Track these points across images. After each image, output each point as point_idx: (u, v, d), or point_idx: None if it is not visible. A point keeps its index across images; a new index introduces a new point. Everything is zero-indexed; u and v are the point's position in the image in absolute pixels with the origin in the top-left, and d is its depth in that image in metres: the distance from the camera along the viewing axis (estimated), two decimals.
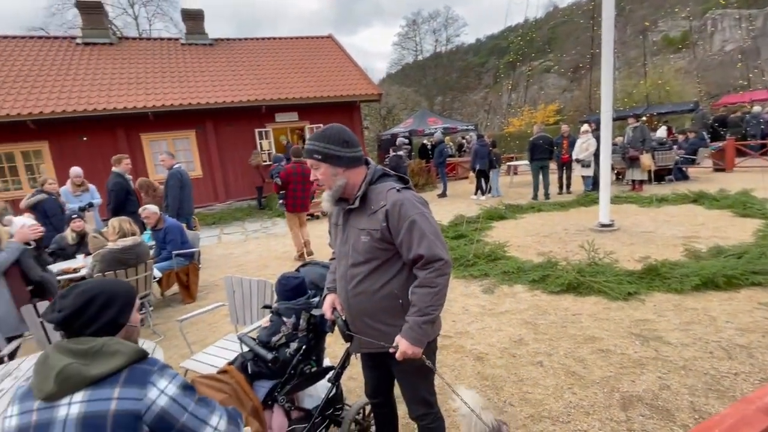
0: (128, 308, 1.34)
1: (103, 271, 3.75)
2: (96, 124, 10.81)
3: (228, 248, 8.00)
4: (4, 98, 10.19)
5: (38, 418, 1.13)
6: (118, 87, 11.35)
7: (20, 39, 13.04)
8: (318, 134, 1.64)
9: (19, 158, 10.54)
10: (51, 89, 10.79)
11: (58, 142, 10.66)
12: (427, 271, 1.53)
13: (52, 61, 11.96)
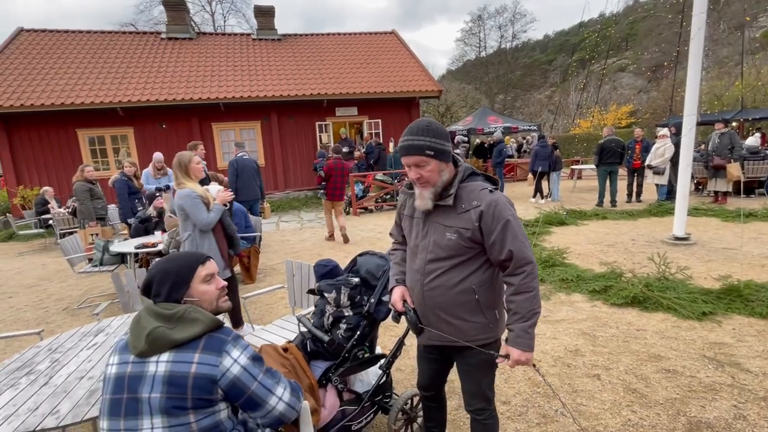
0: (179, 286, 1.43)
1: (176, 247, 4.09)
2: (174, 113, 11.73)
3: (285, 235, 8.37)
4: (100, 87, 11.36)
5: (132, 370, 1.28)
6: (195, 79, 12.22)
7: (113, 34, 14.45)
8: (422, 129, 1.59)
9: (108, 141, 11.72)
10: (138, 80, 11.86)
11: (142, 129, 11.72)
12: (520, 277, 1.55)
13: (140, 55, 13.13)
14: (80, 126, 11.35)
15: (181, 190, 3.11)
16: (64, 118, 11.08)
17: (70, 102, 10.73)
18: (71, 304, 5.18)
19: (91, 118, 11.25)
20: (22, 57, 12.15)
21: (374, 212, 10.39)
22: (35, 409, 1.70)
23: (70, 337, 2.38)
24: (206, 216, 3.08)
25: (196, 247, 3.15)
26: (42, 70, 11.73)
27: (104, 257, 5.12)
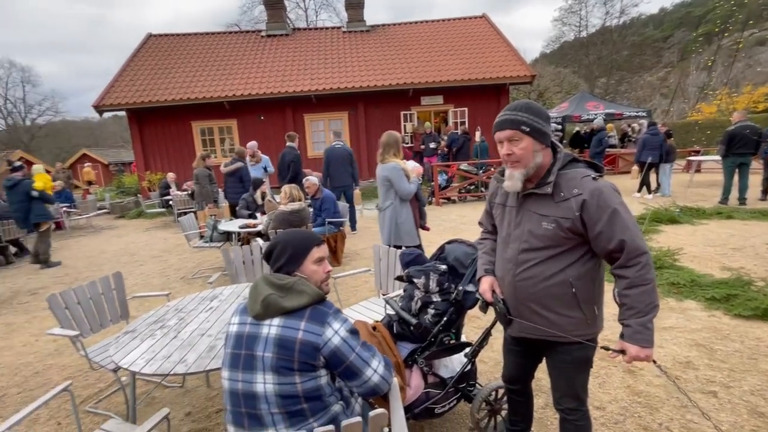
0: (295, 260, 1.56)
1: (275, 228, 4.47)
2: (271, 105, 12.67)
3: (367, 222, 8.63)
4: (210, 83, 12.69)
5: (249, 330, 1.45)
6: (290, 73, 13.03)
7: (221, 35, 15.98)
8: (520, 106, 1.56)
9: (216, 132, 13.08)
10: (241, 76, 13.00)
11: (243, 120, 12.87)
12: (634, 269, 1.45)
13: (243, 52, 14.35)
14: (194, 119, 12.82)
15: (387, 163, 3.53)
16: (182, 111, 12.60)
17: (187, 97, 12.15)
18: (187, 273, 5.94)
19: (203, 111, 12.64)
20: (151, 59, 14.03)
21: (457, 203, 10.23)
22: (168, 356, 2.00)
23: (191, 300, 2.74)
24: (408, 186, 3.50)
25: (395, 215, 3.62)
26: (165, 70, 13.43)
27: (213, 235, 5.76)
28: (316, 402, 1.41)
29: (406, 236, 3.69)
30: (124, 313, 3.06)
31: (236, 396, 1.43)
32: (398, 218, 3.63)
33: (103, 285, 2.96)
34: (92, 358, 2.59)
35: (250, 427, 1.40)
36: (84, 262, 7.22)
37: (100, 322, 2.91)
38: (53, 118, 40.68)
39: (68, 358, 3.64)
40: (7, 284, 6.11)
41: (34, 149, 33.37)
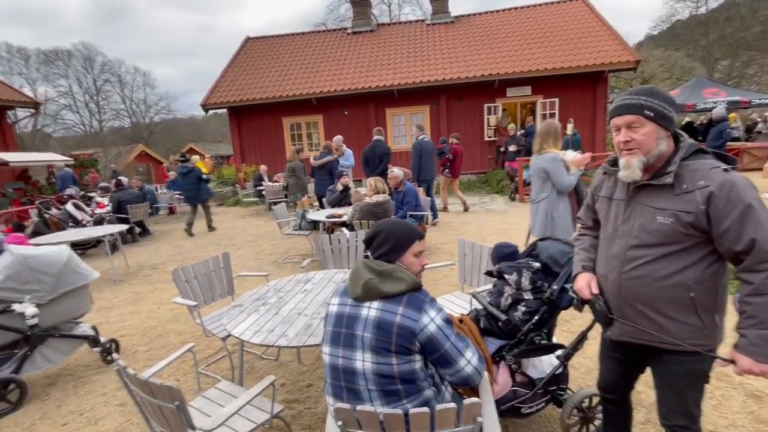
0: (397, 250, 1.63)
1: (359, 219, 4.64)
2: (354, 100, 13.08)
3: (448, 217, 8.56)
4: (300, 81, 13.46)
5: (350, 311, 1.55)
6: (373, 68, 13.32)
7: (308, 34, 16.82)
8: (643, 90, 1.46)
9: (304, 127, 13.86)
10: (327, 73, 13.60)
11: (329, 115, 13.47)
12: (763, 275, 1.29)
13: (329, 50, 14.97)
14: (285, 115, 13.72)
15: (545, 154, 3.37)
16: (274, 108, 13.55)
17: (279, 95, 13.05)
18: (278, 258, 6.44)
19: (293, 107, 13.47)
20: (248, 60, 15.28)
21: None
22: (272, 330, 2.20)
23: (288, 282, 2.98)
24: (567, 178, 3.30)
25: (551, 208, 3.42)
26: (261, 70, 14.54)
27: (302, 223, 6.15)
28: (410, 384, 1.47)
29: (562, 230, 3.47)
30: (230, 289, 3.42)
31: (336, 370, 1.54)
32: (554, 211, 3.41)
33: (213, 263, 3.34)
34: (206, 327, 2.94)
35: (348, 399, 1.50)
36: (191, 243, 8.16)
37: (211, 295, 3.29)
38: (166, 116, 46.42)
39: (183, 325, 4.17)
40: (133, 259, 7.14)
41: (151, 143, 38.30)
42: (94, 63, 40.51)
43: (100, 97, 41.51)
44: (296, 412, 2.64)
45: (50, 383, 3.26)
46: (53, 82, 39.06)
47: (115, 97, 42.69)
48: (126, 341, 3.88)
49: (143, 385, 1.62)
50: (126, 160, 26.93)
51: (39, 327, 3.05)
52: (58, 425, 2.74)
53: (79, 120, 41.04)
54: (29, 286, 3.00)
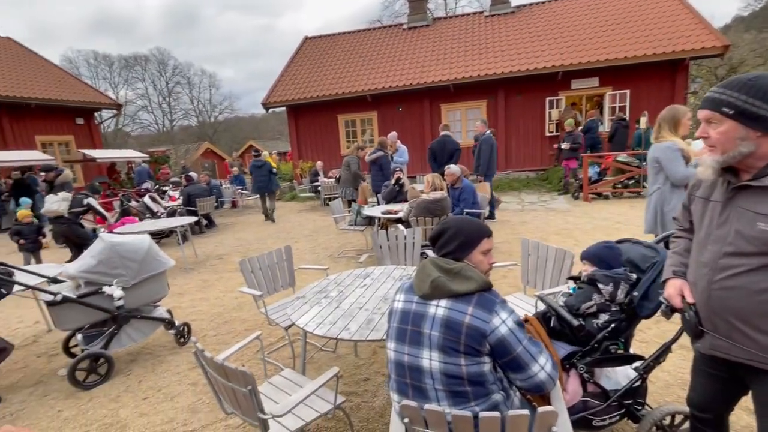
0: (465, 247, 1.59)
1: (416, 216, 4.61)
2: (409, 96, 13.03)
3: (504, 215, 8.29)
4: (355, 78, 13.65)
5: (416, 308, 1.53)
6: (429, 63, 13.18)
7: (364, 32, 16.97)
8: (734, 83, 1.31)
9: (358, 124, 14.05)
10: (383, 69, 13.66)
11: (383, 112, 13.54)
12: None
13: (385, 46, 15.02)
14: (340, 112, 13.99)
15: (661, 142, 3.07)
16: (329, 105, 13.86)
17: (335, 92, 13.32)
18: (333, 252, 6.58)
19: (348, 104, 13.70)
20: (307, 59, 15.74)
21: (610, 199, 9.09)
22: (334, 323, 2.24)
23: (348, 276, 3.02)
24: (683, 170, 2.95)
25: (662, 201, 3.11)
26: (318, 68, 14.92)
27: (357, 219, 6.24)
28: (479, 387, 1.42)
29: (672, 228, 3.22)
30: (292, 281, 3.54)
31: (402, 367, 1.53)
32: (665, 205, 3.09)
33: (277, 256, 3.47)
34: (269, 316, 3.07)
35: (414, 397, 1.49)
36: (252, 235, 8.58)
37: (274, 286, 3.42)
38: (229, 115, 49.21)
39: (247, 313, 4.39)
40: (201, 249, 7.64)
41: (215, 141, 40.77)
42: (166, 67, 43.83)
43: (172, 98, 44.89)
44: (354, 405, 2.67)
45: (132, 360, 3.57)
46: (132, 85, 42.84)
47: (184, 97, 45.97)
48: (196, 325, 4.15)
49: (218, 368, 1.71)
50: (193, 156, 28.91)
51: (124, 308, 3.35)
52: (139, 399, 2.99)
53: (153, 120, 44.66)
54: (117, 270, 3.30)
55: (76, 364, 3.11)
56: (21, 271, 3.39)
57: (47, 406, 2.99)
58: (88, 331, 3.31)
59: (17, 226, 6.23)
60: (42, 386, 3.27)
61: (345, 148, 14.15)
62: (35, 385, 3.29)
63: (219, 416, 2.70)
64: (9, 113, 13.39)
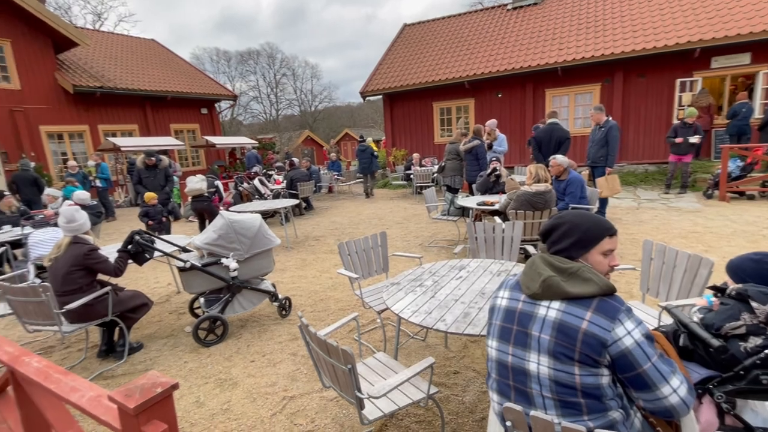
0: (581, 246, 1.41)
1: (514, 209, 4.35)
2: (510, 81, 12.29)
3: (615, 213, 7.45)
4: (453, 65, 13.28)
5: (523, 307, 1.41)
6: (535, 45, 12.26)
7: (465, 15, 16.35)
8: None
9: (453, 111, 13.71)
10: (483, 54, 13.07)
11: (481, 98, 13.00)
12: None
13: (487, 29, 14.33)
14: (436, 99, 13.78)
15: None
16: (425, 93, 13.73)
17: (432, 80, 13.13)
18: (424, 241, 6.56)
19: (443, 92, 13.42)
20: (405, 47, 15.74)
21: (756, 199, 7.62)
22: (429, 312, 2.21)
23: (442, 267, 2.97)
24: None
25: None
26: (416, 56, 14.84)
27: (450, 209, 6.12)
28: (594, 400, 1.28)
29: None
30: (386, 267, 3.60)
31: (504, 368, 1.44)
32: None
33: (372, 241, 3.55)
34: (364, 299, 3.16)
35: (516, 401, 1.39)
36: (347, 219, 8.95)
37: (369, 270, 3.51)
38: (328, 104, 51.83)
39: (341, 294, 4.60)
40: (300, 230, 8.19)
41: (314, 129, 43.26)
42: (275, 60, 47.50)
43: (278, 89, 48.64)
44: (443, 396, 2.64)
45: (242, 326, 3.98)
46: (246, 78, 47.45)
47: (289, 88, 49.55)
48: (295, 300, 4.47)
49: (321, 344, 1.80)
50: (295, 143, 31.11)
51: (238, 279, 3.73)
52: (248, 361, 3.31)
53: (262, 109, 48.93)
54: (233, 245, 3.67)
55: (199, 324, 3.56)
56: (160, 240, 3.96)
57: (176, 357, 3.48)
58: (208, 296, 3.76)
59: (145, 207, 7.09)
60: (173, 339, 3.81)
61: (439, 137, 13.96)
62: (167, 338, 3.85)
63: (315, 387, 2.87)
64: (151, 105, 15.72)
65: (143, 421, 1.24)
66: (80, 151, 13.94)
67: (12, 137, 12.23)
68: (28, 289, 2.97)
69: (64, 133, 13.63)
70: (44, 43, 12.86)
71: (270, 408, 2.69)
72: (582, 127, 11.54)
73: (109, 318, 3.29)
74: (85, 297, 3.11)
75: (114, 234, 8.54)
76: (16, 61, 12.33)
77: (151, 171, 7.89)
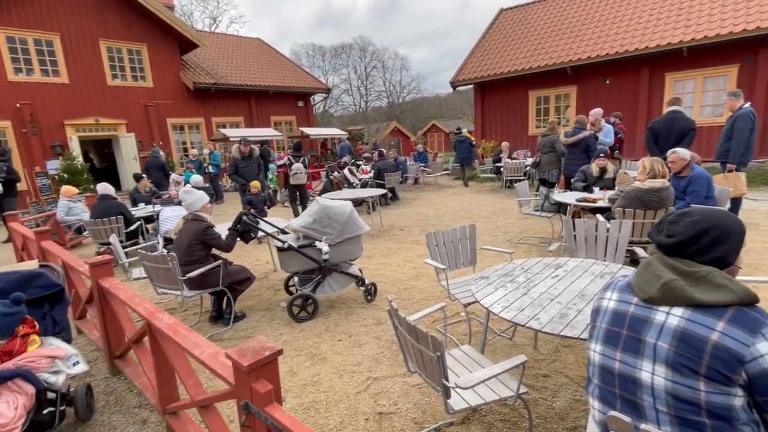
0: (731, 254, 1.23)
1: (623, 207, 3.93)
2: (620, 66, 11.06)
3: (752, 216, 6.35)
4: (554, 50, 12.34)
5: (636, 311, 1.27)
6: (655, 22, 10.84)
7: None
8: None
9: (552, 100, 12.78)
10: (590, 36, 11.93)
11: (584, 86, 11.92)
12: None
13: (593, 9, 13.02)
14: (532, 88, 12.98)
15: None
16: (520, 81, 12.99)
17: (528, 66, 12.37)
18: (513, 237, 6.27)
19: (541, 79, 12.57)
20: (500, 33, 15.03)
21: None
22: (521, 309, 2.11)
23: (535, 264, 2.81)
24: None
25: None
26: (512, 42, 14.08)
27: (545, 204, 5.74)
28: (722, 423, 1.11)
29: None
30: (473, 260, 3.52)
31: (610, 374, 1.32)
32: None
33: (461, 233, 3.48)
34: (450, 291, 3.12)
35: (622, 410, 1.27)
36: (432, 211, 8.91)
37: (455, 262, 3.46)
38: (416, 95, 51.78)
39: (425, 284, 4.61)
40: (385, 219, 8.36)
41: (401, 120, 43.58)
42: (366, 53, 48.65)
43: (368, 81, 49.84)
44: (531, 399, 2.51)
45: (330, 306, 4.20)
46: (339, 71, 49.28)
47: (378, 80, 50.45)
48: (380, 287, 4.58)
49: (411, 329, 1.82)
50: (382, 134, 31.69)
51: (329, 262, 3.93)
52: (335, 340, 3.49)
53: (352, 101, 50.59)
54: (326, 229, 3.88)
55: (293, 300, 3.84)
56: (263, 221, 4.33)
57: (272, 328, 3.80)
58: (302, 276, 4.03)
59: (249, 196, 7.52)
60: (269, 312, 4.17)
61: (534, 127, 13.16)
62: (265, 311, 4.22)
63: (398, 371, 2.93)
64: (255, 98, 17.18)
65: (253, 378, 1.37)
66: (197, 140, 15.82)
67: (146, 129, 14.32)
68: (159, 257, 3.47)
69: (185, 124, 15.57)
70: (172, 46, 14.77)
71: (355, 385, 2.81)
72: (710, 117, 9.99)
73: (220, 288, 3.70)
74: (202, 268, 3.54)
75: (221, 215, 9.55)
76: (150, 63, 14.34)
77: (247, 160, 8.17)
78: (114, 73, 13.60)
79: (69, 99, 12.68)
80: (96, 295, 2.93)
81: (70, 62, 12.63)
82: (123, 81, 13.83)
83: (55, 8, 12.29)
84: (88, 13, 12.89)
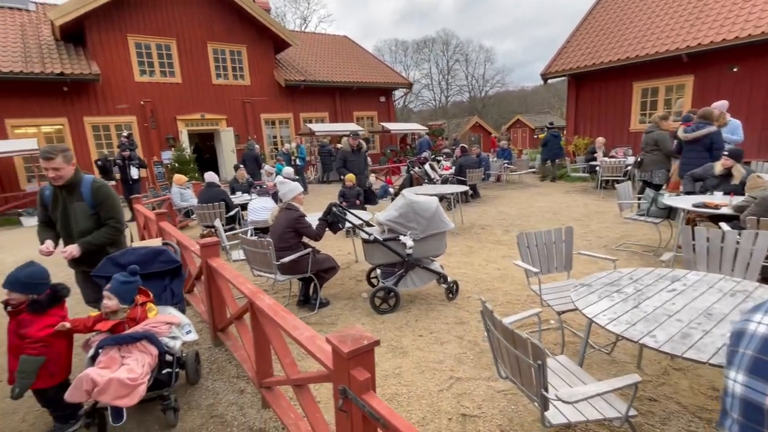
0: None
1: (756, 214, 3.37)
2: (754, 51, 9.45)
3: None
4: (667, 35, 10.95)
5: None
6: None
7: None
8: None
9: (661, 92, 11.39)
10: (711, 16, 10.37)
11: (704, 75, 10.43)
12: None
13: None
14: (637, 78, 11.69)
15: None
16: (623, 72, 11.76)
17: (635, 55, 11.14)
18: (609, 243, 5.72)
19: (649, 69, 11.25)
20: (602, 19, 13.74)
21: None
22: (632, 324, 1.90)
23: (647, 275, 2.51)
24: None
25: None
26: (615, 28, 12.80)
27: (651, 208, 5.15)
28: None
29: None
30: (568, 265, 3.27)
31: (757, 411, 1.11)
32: None
33: (556, 235, 3.25)
34: (542, 296, 2.93)
35: None
36: (516, 210, 8.49)
37: (548, 266, 3.24)
38: (499, 89, 49.72)
39: (510, 286, 4.40)
40: (467, 217, 8.15)
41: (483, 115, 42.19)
42: (449, 46, 47.81)
43: (450, 76, 48.96)
44: (635, 422, 2.26)
45: (411, 301, 4.20)
46: (420, 66, 49.12)
47: (460, 74, 49.31)
48: (461, 286, 4.47)
49: (507, 333, 1.72)
50: (463, 129, 30.96)
51: (412, 257, 3.93)
52: (416, 335, 3.48)
53: (432, 96, 50.13)
54: (411, 224, 3.87)
55: (376, 292, 3.91)
56: (351, 213, 4.46)
57: (355, 318, 3.90)
58: (385, 269, 4.08)
59: (343, 189, 7.55)
60: (351, 302, 4.29)
61: (637, 122, 11.88)
62: (347, 300, 4.35)
63: (482, 374, 2.83)
64: (340, 94, 17.82)
65: (352, 365, 1.39)
66: (285, 134, 16.87)
67: (242, 123, 15.62)
68: (258, 242, 3.74)
69: (276, 119, 16.68)
70: (268, 46, 15.87)
71: (437, 383, 2.77)
72: None
73: (308, 274, 3.89)
74: (294, 254, 3.75)
75: (305, 206, 10.08)
76: (249, 62, 15.57)
77: (356, 154, 7.92)
78: (218, 73, 15.04)
79: (181, 96, 14.32)
80: (204, 273, 3.25)
81: (183, 64, 14.24)
82: (225, 80, 15.22)
83: (173, 16, 13.93)
84: (199, 18, 14.39)
